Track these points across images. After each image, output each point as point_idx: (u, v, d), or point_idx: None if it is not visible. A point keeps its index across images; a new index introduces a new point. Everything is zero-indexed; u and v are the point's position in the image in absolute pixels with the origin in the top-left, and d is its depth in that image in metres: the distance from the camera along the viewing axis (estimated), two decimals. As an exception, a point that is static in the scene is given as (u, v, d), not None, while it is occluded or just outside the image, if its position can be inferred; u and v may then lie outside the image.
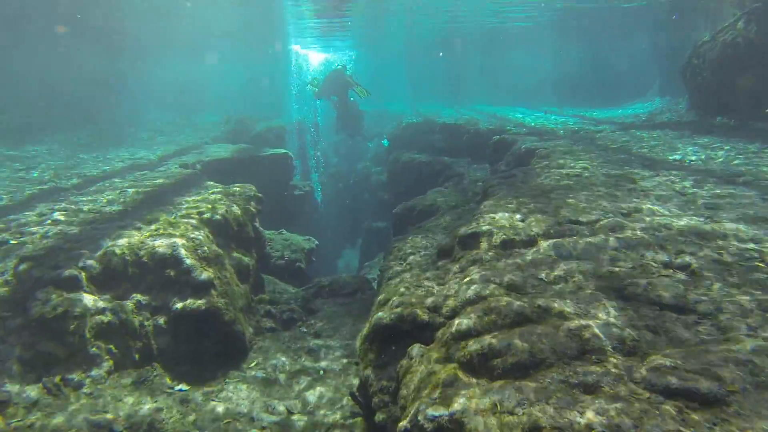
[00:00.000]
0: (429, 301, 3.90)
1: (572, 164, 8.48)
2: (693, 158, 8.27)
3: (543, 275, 3.98)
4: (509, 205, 5.76)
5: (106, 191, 7.30)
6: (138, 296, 4.48)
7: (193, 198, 6.89)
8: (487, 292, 3.71)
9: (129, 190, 7.36)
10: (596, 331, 2.88)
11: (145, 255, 4.68)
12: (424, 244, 6.56)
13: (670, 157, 8.62)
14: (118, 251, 4.63)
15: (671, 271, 3.82)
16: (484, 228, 4.94)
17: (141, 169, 9.78)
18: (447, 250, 5.17)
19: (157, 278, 4.63)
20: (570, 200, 5.78)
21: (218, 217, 6.01)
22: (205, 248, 5.12)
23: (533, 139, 12.50)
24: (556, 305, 3.30)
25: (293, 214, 13.52)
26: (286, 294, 7.84)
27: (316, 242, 9.89)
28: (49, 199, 6.87)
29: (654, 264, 3.93)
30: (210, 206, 6.34)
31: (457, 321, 3.32)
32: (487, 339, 3.01)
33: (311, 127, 22.08)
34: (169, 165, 10.64)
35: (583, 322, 3.00)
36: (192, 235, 5.20)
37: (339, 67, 16.49)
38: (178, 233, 5.20)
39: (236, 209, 6.52)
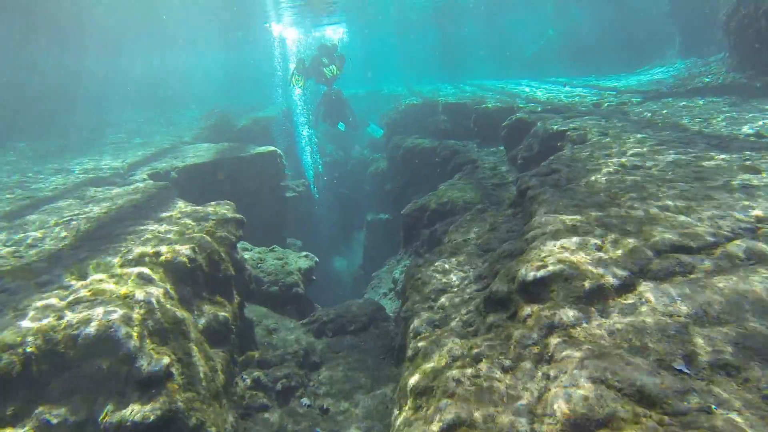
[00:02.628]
0: (504, 420, 2.40)
1: (621, 150, 6.92)
2: (773, 133, 6.70)
3: (680, 362, 2.48)
4: (572, 221, 4.23)
5: (43, 223, 5.75)
6: (44, 411, 2.97)
7: (153, 228, 5.35)
8: (606, 409, 2.21)
9: (75, 218, 5.83)
10: None
11: (63, 341, 3.18)
12: (456, 272, 5.05)
13: (739, 132, 7.07)
14: (16, 339, 3.10)
15: None
16: (554, 268, 3.41)
17: (102, 184, 8.21)
18: (501, 299, 3.65)
19: (82, 375, 3.14)
20: (653, 209, 4.25)
21: (182, 258, 4.50)
22: (159, 315, 3.62)
23: (555, 118, 10.91)
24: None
25: (287, 220, 12.02)
26: (281, 333, 6.37)
27: (316, 259, 8.40)
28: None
29: None
30: (173, 242, 4.81)
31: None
32: None
33: (303, 117, 20.37)
34: (138, 175, 9.06)
35: None
36: (141, 296, 3.70)
37: (329, 45, 14.65)
38: (121, 294, 3.71)
39: (208, 242, 5.00)
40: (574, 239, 3.86)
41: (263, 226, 11.10)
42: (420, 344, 3.92)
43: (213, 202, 6.24)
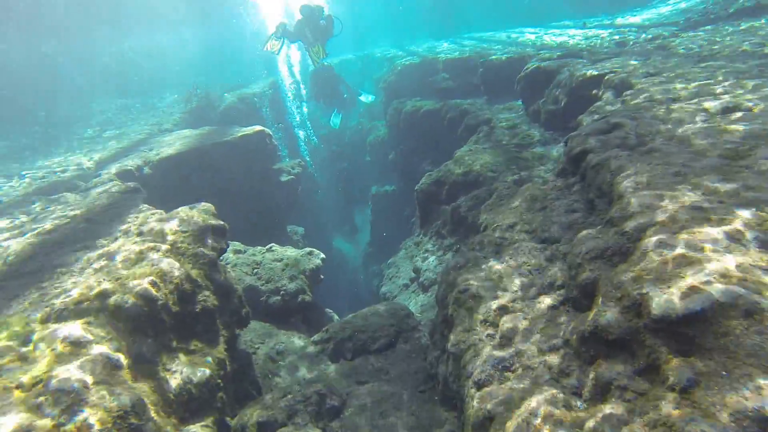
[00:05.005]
0: None
1: (692, 90, 5.47)
2: None
3: None
4: (692, 200, 2.87)
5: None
6: None
7: (104, 251, 4.05)
8: None
9: (6, 245, 4.52)
10: None
11: None
12: (513, 277, 3.73)
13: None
14: None
15: None
16: (718, 292, 2.08)
17: (58, 191, 6.84)
18: (617, 340, 2.34)
19: None
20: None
21: (136, 300, 3.20)
22: (90, 410, 2.33)
23: (581, 63, 9.39)
24: None
25: (285, 206, 10.68)
26: (288, 359, 5.14)
27: (322, 255, 7.09)
28: None
29: None
30: (125, 274, 3.51)
31: None
32: None
33: (292, 89, 18.70)
34: (104, 175, 7.68)
35: None
36: (61, 381, 2.41)
37: (313, 6, 12.88)
38: (26, 381, 2.41)
39: (176, 267, 3.69)
40: (715, 231, 2.51)
41: (258, 219, 9.78)
42: (490, 407, 2.64)
43: (185, 207, 4.88)
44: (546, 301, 3.30)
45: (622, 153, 4.19)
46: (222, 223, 4.61)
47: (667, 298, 2.16)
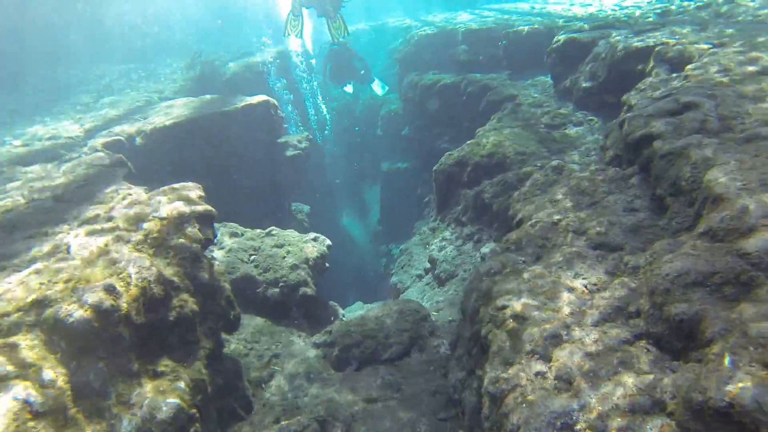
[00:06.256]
0: None
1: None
2: None
3: None
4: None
5: None
6: None
7: (65, 238, 3.33)
8: None
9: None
10: None
11: None
12: (564, 292, 2.96)
13: None
14: None
15: None
16: None
17: (37, 160, 6.12)
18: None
19: None
20: None
21: (84, 313, 2.48)
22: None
23: (622, 34, 8.41)
24: None
25: (289, 183, 9.91)
26: (285, 364, 4.45)
27: (328, 242, 6.32)
28: None
29: None
30: (78, 275, 2.79)
31: None
32: None
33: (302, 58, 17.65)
34: (90, 145, 6.97)
35: None
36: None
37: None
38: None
39: (144, 268, 2.95)
40: None
41: (259, 196, 9.04)
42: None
43: (168, 187, 4.13)
44: (614, 332, 2.52)
45: (707, 140, 3.35)
46: (209, 208, 3.85)
47: None
